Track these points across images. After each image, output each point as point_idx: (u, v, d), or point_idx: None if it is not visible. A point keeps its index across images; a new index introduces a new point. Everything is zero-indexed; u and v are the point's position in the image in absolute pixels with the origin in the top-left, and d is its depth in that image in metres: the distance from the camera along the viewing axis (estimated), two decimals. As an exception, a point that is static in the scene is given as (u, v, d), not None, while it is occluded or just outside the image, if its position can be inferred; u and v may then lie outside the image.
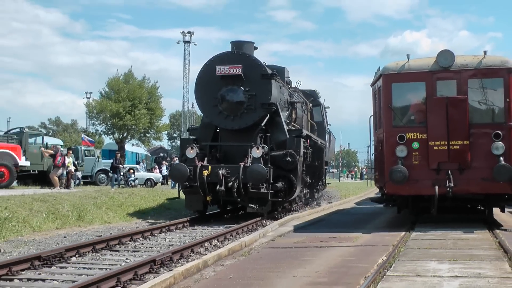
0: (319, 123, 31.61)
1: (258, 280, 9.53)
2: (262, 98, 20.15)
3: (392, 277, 9.37)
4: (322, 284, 9.23)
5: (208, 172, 18.90)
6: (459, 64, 16.82)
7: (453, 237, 14.04)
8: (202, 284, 9.44)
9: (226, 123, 20.69)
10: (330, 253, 12.45)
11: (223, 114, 20.54)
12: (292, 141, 20.10)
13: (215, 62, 20.66)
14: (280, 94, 21.67)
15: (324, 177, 33.98)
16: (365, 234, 15.42)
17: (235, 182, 18.66)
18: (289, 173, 19.73)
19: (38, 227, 16.72)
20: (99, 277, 9.40)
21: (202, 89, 21.16)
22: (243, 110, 20.28)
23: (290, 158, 19.35)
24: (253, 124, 20.28)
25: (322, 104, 33.81)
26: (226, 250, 12.52)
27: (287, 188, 19.94)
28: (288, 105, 23.39)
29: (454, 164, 16.11)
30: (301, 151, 20.45)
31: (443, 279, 9.22)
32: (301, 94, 28.87)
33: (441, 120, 16.33)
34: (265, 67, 20.75)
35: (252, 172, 18.28)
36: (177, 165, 20.59)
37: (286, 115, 22.64)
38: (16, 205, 18.33)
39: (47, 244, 14.24)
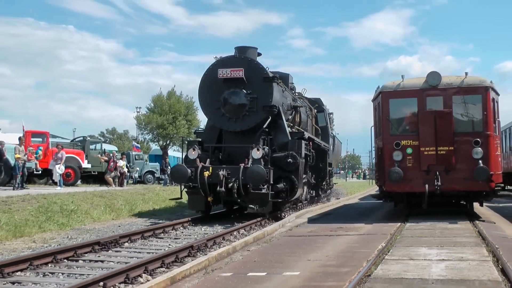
0: (323, 127, 28.91)
1: (278, 263, 9.61)
2: (263, 101, 17.85)
3: (389, 260, 9.47)
4: (331, 266, 9.31)
5: (209, 173, 16.74)
6: (445, 83, 16.93)
7: (441, 227, 14.05)
8: (231, 266, 9.53)
9: (229, 125, 18.22)
10: (338, 241, 12.50)
11: (225, 116, 18.15)
12: (293, 143, 17.80)
13: (218, 65, 18.34)
14: (282, 98, 19.30)
15: (329, 177, 30.53)
16: (367, 225, 15.44)
17: (235, 183, 16.46)
18: (290, 174, 17.41)
19: (97, 218, 17.06)
20: (147, 259, 9.56)
21: (205, 92, 18.73)
22: (245, 113, 17.92)
23: (291, 159, 17.10)
24: (255, 126, 17.94)
25: (326, 110, 30.83)
26: (251, 238, 12.60)
27: (289, 189, 17.59)
28: (292, 109, 20.90)
29: (441, 166, 16.18)
30: (303, 153, 18.16)
31: (432, 262, 9.31)
32: (307, 101, 26.64)
33: (430, 129, 16.40)
34: (266, 71, 18.45)
35: (251, 173, 16.13)
36: (177, 166, 18.51)
37: (289, 118, 20.45)
38: (80, 200, 18.61)
39: (104, 232, 14.48)
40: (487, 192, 16.64)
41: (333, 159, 33.03)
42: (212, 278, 8.45)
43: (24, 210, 16.44)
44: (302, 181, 18.32)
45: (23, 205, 17.16)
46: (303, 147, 18.18)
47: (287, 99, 20.20)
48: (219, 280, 8.31)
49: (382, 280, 7.83)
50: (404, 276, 8.05)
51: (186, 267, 8.91)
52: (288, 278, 8.30)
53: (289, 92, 21.18)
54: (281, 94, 19.13)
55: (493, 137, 16.59)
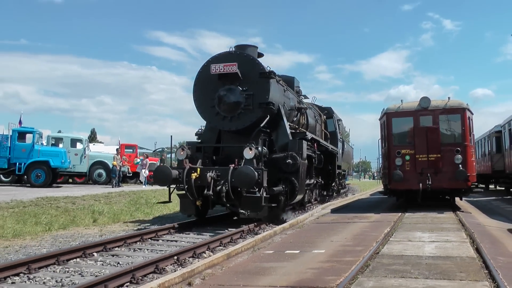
0: (332, 132, 24.15)
1: (308, 243, 9.59)
2: (260, 98, 13.50)
3: (393, 241, 9.37)
4: (349, 245, 9.24)
5: (196, 175, 12.42)
6: (433, 105, 16.75)
7: (431, 216, 13.81)
8: (273, 246, 9.53)
9: (224, 124, 13.93)
10: (354, 226, 12.39)
11: (220, 115, 13.88)
12: (294, 143, 13.73)
13: (211, 61, 14.00)
14: (283, 97, 14.96)
15: (338, 179, 25.64)
16: (376, 214, 15.24)
17: (224, 185, 12.08)
18: (290, 175, 13.25)
19: (172, 208, 17.04)
20: (209, 240, 9.57)
21: (200, 90, 14.27)
22: (241, 111, 13.65)
23: (291, 160, 13.07)
24: (252, 125, 13.51)
25: (335, 116, 25.76)
26: (288, 224, 12.50)
27: (289, 191, 13.38)
28: (296, 110, 16.45)
29: (432, 169, 15.98)
30: (304, 154, 14.03)
31: (425, 243, 9.19)
32: (316, 108, 22.29)
33: (423, 141, 16.26)
34: (263, 66, 13.93)
35: (239, 175, 11.84)
36: (159, 167, 13.95)
37: (294, 120, 16.18)
38: (160, 195, 18.83)
39: (179, 219, 14.43)
40: (465, 189, 16.35)
41: (343, 162, 27.88)
42: (258, 254, 8.46)
43: (120, 203, 16.76)
44: (304, 183, 14.16)
45: (119, 199, 17.51)
46: (305, 148, 14.23)
47: (290, 100, 15.93)
48: (263, 256, 8.32)
49: (388, 256, 7.76)
50: (404, 253, 7.98)
51: (238, 246, 8.92)
52: (316, 255, 8.27)
53: (293, 93, 16.85)
54: (282, 93, 14.92)
55: (469, 146, 16.37)
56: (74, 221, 13.11)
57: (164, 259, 7.65)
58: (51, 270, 7.36)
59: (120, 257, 8.54)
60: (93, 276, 6.87)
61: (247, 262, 7.75)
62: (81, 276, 7.04)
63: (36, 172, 24.84)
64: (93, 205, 15.56)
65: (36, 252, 8.86)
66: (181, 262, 7.86)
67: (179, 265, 7.73)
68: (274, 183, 12.97)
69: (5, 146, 25.02)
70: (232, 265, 7.55)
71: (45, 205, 14.50)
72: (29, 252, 8.91)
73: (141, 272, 6.89)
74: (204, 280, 6.57)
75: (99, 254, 8.62)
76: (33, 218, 12.55)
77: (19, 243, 9.80)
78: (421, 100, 16.86)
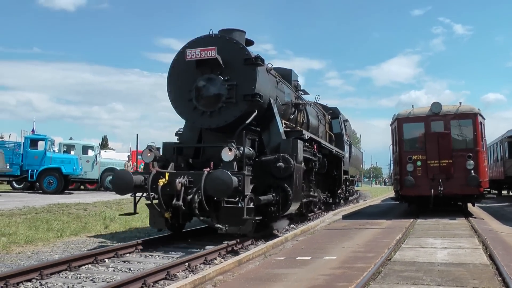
0: (338, 134, 21.60)
1: (320, 250, 9.55)
2: (244, 89, 11.15)
3: (405, 248, 9.32)
4: (361, 252, 9.19)
5: (165, 181, 10.05)
6: (445, 110, 16.67)
7: (443, 223, 13.73)
8: (284, 252, 9.51)
9: (203, 121, 11.52)
10: (366, 233, 12.33)
11: (198, 110, 11.47)
12: (287, 144, 11.43)
13: (188, 47, 11.52)
14: (276, 90, 12.67)
15: (345, 185, 22.94)
16: (388, 221, 15.17)
17: (196, 194, 9.68)
18: (283, 182, 10.93)
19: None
20: (220, 247, 9.49)
21: (175, 81, 11.93)
22: (222, 104, 11.26)
23: (282, 163, 10.79)
24: (236, 121, 11.11)
25: (341, 116, 22.96)
26: (299, 231, 12.45)
27: (281, 201, 11.00)
28: (293, 107, 14.32)
29: (443, 175, 15.88)
30: (300, 156, 11.73)
31: (437, 249, 9.13)
32: (320, 107, 20.39)
33: (434, 147, 16.18)
34: (249, 52, 11.47)
35: (212, 181, 9.42)
36: (119, 172, 10.85)
37: (291, 118, 14.09)
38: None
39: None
40: (477, 195, 16.22)
41: (350, 167, 24.99)
42: (269, 261, 8.45)
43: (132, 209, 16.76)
44: (299, 190, 11.72)
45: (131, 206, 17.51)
46: (301, 149, 11.87)
47: (285, 94, 13.64)
48: (275, 262, 8.30)
49: (400, 263, 7.72)
50: (416, 260, 7.93)
51: (249, 253, 8.90)
52: (327, 261, 8.24)
53: (289, 87, 14.56)
54: (273, 85, 12.61)
55: (481, 152, 16.26)
56: (86, 227, 13.16)
57: (175, 266, 7.64)
58: (63, 276, 7.39)
59: (131, 263, 8.54)
60: (105, 282, 6.89)
61: (259, 269, 7.74)
62: (93, 282, 7.06)
63: (48, 179, 25.04)
64: (105, 211, 15.61)
65: (48, 258, 8.90)
66: (192, 269, 7.85)
67: (190, 271, 7.73)
68: (264, 191, 10.87)
69: (18, 153, 25.25)
70: (243, 271, 7.54)
71: (57, 212, 14.59)
72: (41, 258, 8.95)
73: (152, 279, 6.89)
74: (215, 286, 6.57)
75: (110, 260, 8.63)
76: (45, 224, 12.62)
77: (31, 249, 9.85)
78: (432, 105, 16.79)
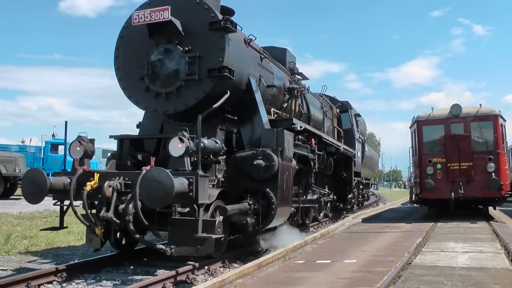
0: (347, 130, 19.13)
1: (339, 253, 9.52)
2: (209, 61, 8.46)
3: (425, 252, 9.26)
4: (381, 255, 9.15)
5: (93, 184, 7.27)
6: (465, 112, 16.54)
7: (464, 226, 13.62)
8: (304, 255, 9.49)
9: (158, 105, 8.81)
10: (385, 236, 12.27)
11: (151, 91, 8.83)
12: (269, 135, 8.93)
13: (138, 9, 8.82)
14: (258, 68, 10.01)
15: (358, 189, 20.74)
16: (408, 224, 15.07)
17: (130, 202, 6.92)
18: (264, 185, 8.60)
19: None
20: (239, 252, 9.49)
21: (123, 55, 9.18)
22: (181, 83, 8.58)
23: (262, 160, 8.46)
24: (199, 105, 8.40)
25: (352, 111, 20.35)
26: (318, 234, 12.36)
27: (261, 210, 8.68)
28: (286, 92, 11.68)
29: (463, 178, 15.75)
30: (289, 151, 9.25)
31: (458, 253, 9.05)
32: (327, 99, 18.37)
33: (454, 149, 16.03)
34: (216, 13, 8.65)
35: (147, 184, 6.56)
36: (29, 172, 7.68)
37: (285, 106, 11.74)
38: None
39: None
40: (499, 198, 16.05)
41: (364, 169, 22.21)
42: (289, 264, 8.45)
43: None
44: (288, 196, 9.28)
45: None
46: (289, 142, 9.29)
47: (274, 76, 10.88)
48: (294, 266, 8.31)
49: (420, 267, 7.67)
50: (437, 264, 7.87)
51: (269, 256, 8.88)
52: (347, 265, 8.23)
53: (281, 68, 11.85)
54: (255, 61, 9.88)
55: (502, 154, 16.08)
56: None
57: (194, 269, 7.69)
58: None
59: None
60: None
61: (278, 272, 7.75)
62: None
63: (68, 183, 25.27)
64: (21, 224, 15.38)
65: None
66: (211, 272, 7.89)
67: (210, 275, 7.77)
68: (240, 198, 8.55)
69: (39, 158, 25.63)
70: (263, 275, 7.56)
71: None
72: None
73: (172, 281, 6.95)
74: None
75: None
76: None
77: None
78: (452, 107, 16.67)
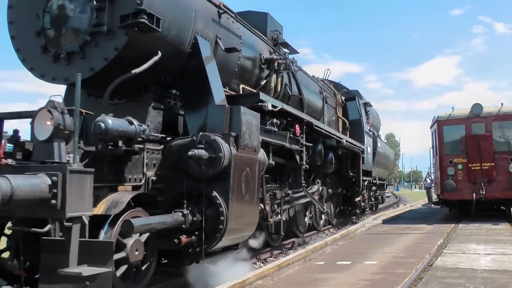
0: (355, 121, 16.72)
1: (360, 254, 9.53)
2: (123, 5, 5.41)
3: (447, 253, 9.21)
4: (401, 257, 9.13)
5: None
6: (486, 112, 16.38)
7: (486, 228, 13.49)
8: (324, 256, 9.51)
9: (57, 71, 5.57)
10: (406, 238, 12.21)
11: (49, 52, 5.67)
12: (217, 114, 5.94)
13: None
14: (212, 24, 7.19)
15: (368, 191, 18.61)
16: (429, 225, 14.96)
17: None
18: (209, 187, 5.62)
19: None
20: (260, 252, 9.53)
21: (16, 5, 6.13)
22: (85, 38, 5.49)
23: (205, 150, 5.47)
24: (111, 71, 5.44)
25: (360, 100, 17.58)
26: (339, 235, 12.40)
27: (205, 223, 5.64)
28: (262, 65, 9.10)
29: (485, 179, 15.61)
30: (252, 139, 6.25)
31: (480, 255, 8.99)
32: (331, 85, 16.01)
33: (475, 149, 15.89)
34: None
35: None
36: None
37: (262, 84, 9.23)
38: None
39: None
40: None
41: (376, 168, 19.65)
42: (309, 265, 8.48)
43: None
44: (251, 203, 6.55)
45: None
46: (251, 126, 6.35)
47: (241, 40, 8.34)
48: (314, 267, 8.34)
49: (441, 269, 7.65)
50: (459, 266, 7.83)
51: (289, 257, 8.93)
52: (368, 266, 8.23)
53: (258, 35, 9.38)
54: (209, 16, 7.23)
55: None
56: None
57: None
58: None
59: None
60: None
61: (298, 273, 7.79)
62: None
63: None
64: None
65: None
66: (232, 273, 7.88)
67: (230, 276, 7.78)
68: (178, 204, 5.80)
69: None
70: (283, 276, 7.60)
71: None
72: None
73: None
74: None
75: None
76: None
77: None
78: (473, 107, 16.52)
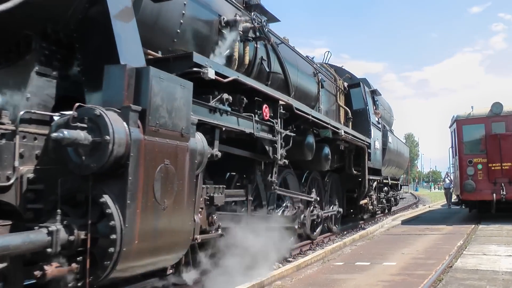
0: (359, 111, 14.66)
1: (379, 255, 9.52)
2: None
3: (467, 255, 9.16)
4: (421, 258, 9.11)
5: None
6: (506, 111, 16.17)
7: (507, 229, 13.34)
8: (343, 257, 9.53)
9: None
10: (425, 239, 12.17)
11: None
12: (115, 77, 3.32)
13: None
14: None
15: (376, 192, 16.62)
16: (448, 226, 14.88)
17: None
18: (97, 188, 3.37)
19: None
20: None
21: None
22: None
23: (88, 132, 3.28)
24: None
25: (366, 86, 15.54)
26: (358, 236, 12.40)
27: (95, 243, 3.42)
28: (222, 28, 6.88)
29: (505, 179, 15.46)
30: (175, 117, 3.92)
31: (501, 257, 8.91)
32: (332, 70, 14.31)
33: (496, 149, 15.74)
34: None
35: None
36: None
37: (223, 54, 6.84)
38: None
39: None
40: None
41: (387, 167, 18.08)
42: (328, 266, 8.51)
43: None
44: (182, 211, 4.31)
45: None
46: (173, 98, 3.99)
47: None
48: (333, 267, 8.37)
49: (461, 270, 7.61)
50: (479, 268, 7.79)
51: (308, 258, 8.96)
52: (387, 267, 8.23)
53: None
54: None
55: None
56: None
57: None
58: None
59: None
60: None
61: (317, 274, 7.83)
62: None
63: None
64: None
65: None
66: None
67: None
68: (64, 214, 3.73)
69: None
70: (302, 276, 7.64)
71: None
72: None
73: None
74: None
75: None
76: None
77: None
78: (493, 105, 16.33)
